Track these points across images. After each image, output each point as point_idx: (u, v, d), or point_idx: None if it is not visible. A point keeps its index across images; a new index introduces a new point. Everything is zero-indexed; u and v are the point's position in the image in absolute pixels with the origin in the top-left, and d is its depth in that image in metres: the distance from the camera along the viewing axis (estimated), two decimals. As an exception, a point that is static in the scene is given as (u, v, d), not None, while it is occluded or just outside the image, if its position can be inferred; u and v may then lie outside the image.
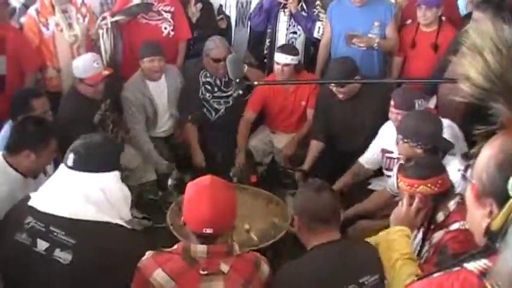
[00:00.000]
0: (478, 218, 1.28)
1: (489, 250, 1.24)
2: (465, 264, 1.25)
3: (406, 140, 3.09)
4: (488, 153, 1.26)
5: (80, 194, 2.28)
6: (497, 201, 1.23)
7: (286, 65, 4.41)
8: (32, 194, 2.39)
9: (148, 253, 2.19)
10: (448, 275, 1.27)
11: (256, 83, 3.71)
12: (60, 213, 2.25)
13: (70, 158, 2.34)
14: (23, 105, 3.64)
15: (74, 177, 2.31)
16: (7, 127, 3.54)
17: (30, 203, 2.32)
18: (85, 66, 4.13)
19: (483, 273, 1.21)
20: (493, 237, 1.23)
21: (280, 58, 4.42)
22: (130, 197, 2.45)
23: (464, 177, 2.73)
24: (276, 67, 4.48)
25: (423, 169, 2.54)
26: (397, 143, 3.19)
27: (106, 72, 4.20)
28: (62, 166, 2.38)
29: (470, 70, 1.32)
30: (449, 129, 3.40)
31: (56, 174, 2.41)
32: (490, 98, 1.30)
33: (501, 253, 1.17)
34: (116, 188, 2.37)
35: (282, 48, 4.51)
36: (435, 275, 1.32)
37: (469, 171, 1.38)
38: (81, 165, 2.32)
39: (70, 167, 2.32)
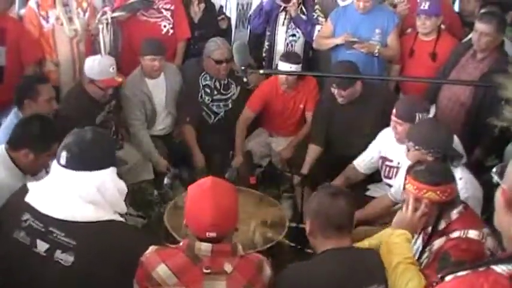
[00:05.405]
0: (506, 224, 1.28)
1: None
2: (493, 266, 1.25)
3: (417, 147, 3.07)
4: None
5: (76, 195, 2.20)
6: None
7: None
8: (29, 186, 2.30)
9: (152, 247, 2.17)
10: (478, 274, 1.26)
11: (261, 71, 3.67)
12: (58, 216, 2.18)
13: (63, 156, 2.23)
14: (28, 90, 3.59)
15: (68, 177, 2.22)
16: (12, 116, 3.49)
17: (28, 199, 2.24)
18: (101, 68, 4.03)
19: None
20: None
21: (284, 67, 4.37)
22: (125, 190, 2.36)
23: (493, 178, 2.71)
24: (280, 75, 4.47)
25: (434, 175, 2.53)
26: (408, 150, 3.16)
27: (120, 80, 4.14)
28: (54, 164, 2.28)
29: None
30: None
31: (51, 173, 2.31)
32: None
33: None
34: (111, 185, 2.28)
35: (285, 57, 4.46)
36: (461, 273, 1.31)
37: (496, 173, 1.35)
38: (75, 164, 2.22)
39: (63, 166, 2.23)
